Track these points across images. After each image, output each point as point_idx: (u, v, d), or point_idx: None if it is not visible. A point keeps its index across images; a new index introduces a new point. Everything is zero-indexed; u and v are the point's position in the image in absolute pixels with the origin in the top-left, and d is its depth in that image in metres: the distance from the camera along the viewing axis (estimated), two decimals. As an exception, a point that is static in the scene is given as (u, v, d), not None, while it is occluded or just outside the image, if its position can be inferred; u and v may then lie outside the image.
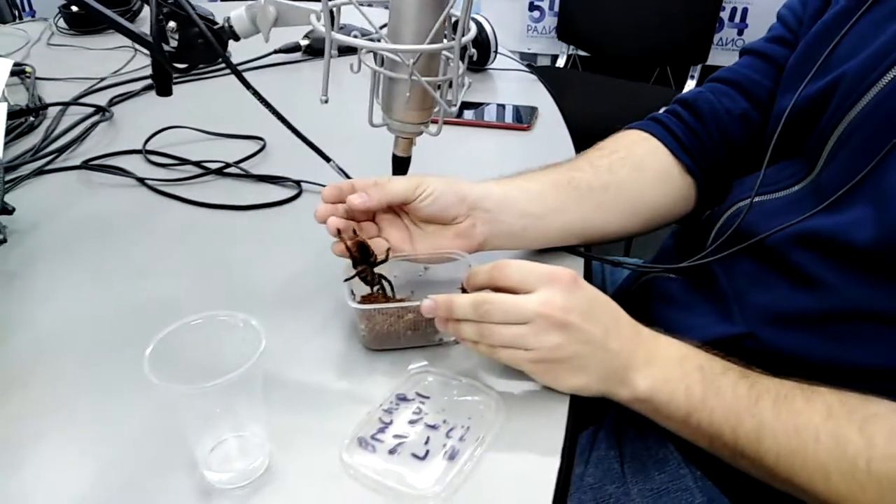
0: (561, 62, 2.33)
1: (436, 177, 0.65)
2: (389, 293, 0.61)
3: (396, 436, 0.52)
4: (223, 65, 0.65)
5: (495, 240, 0.69)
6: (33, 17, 2.34)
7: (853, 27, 0.66)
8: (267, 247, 0.78)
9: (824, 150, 0.65)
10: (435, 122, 0.66)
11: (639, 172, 0.75)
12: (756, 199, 0.70)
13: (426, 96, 0.64)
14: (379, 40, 0.59)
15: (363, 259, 0.60)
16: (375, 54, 0.63)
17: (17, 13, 2.18)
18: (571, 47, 2.32)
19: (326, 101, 0.62)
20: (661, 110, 0.81)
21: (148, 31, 0.62)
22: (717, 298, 0.71)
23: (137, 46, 1.41)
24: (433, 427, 0.52)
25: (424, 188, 0.63)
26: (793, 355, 0.61)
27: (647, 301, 0.80)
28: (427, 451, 0.50)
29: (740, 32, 2.20)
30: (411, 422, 0.53)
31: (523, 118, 1.04)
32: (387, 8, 0.60)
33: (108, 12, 0.61)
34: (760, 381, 0.55)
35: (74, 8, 1.54)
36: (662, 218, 0.78)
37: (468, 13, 0.58)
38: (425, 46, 0.59)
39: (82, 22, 1.54)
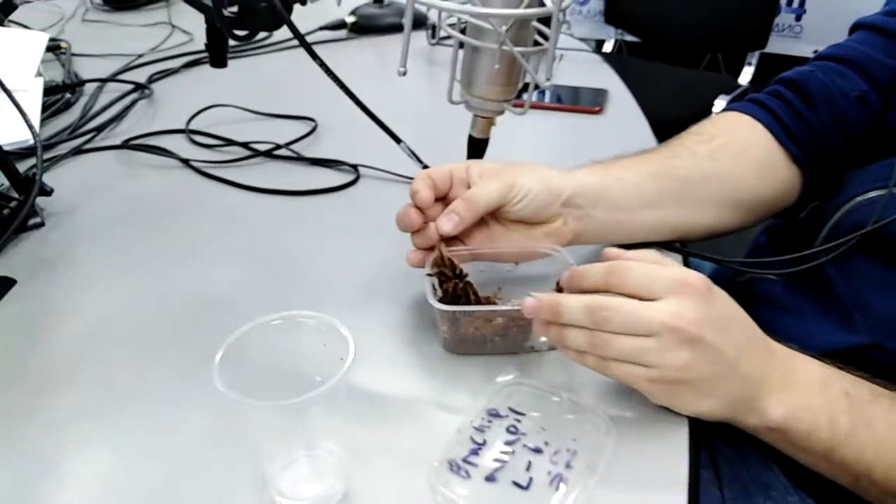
0: (608, 47, 2.23)
1: (525, 171, 0.58)
2: (475, 294, 0.54)
3: (493, 459, 0.45)
4: (269, 40, 0.58)
5: (585, 236, 0.61)
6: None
7: None
8: (324, 236, 0.71)
9: None
10: (519, 106, 0.59)
11: (741, 161, 0.67)
12: (876, 193, 0.61)
13: (514, 69, 0.57)
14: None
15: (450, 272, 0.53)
16: (458, 24, 0.55)
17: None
18: (619, 31, 2.22)
19: (405, 74, 0.54)
20: (763, 91, 0.73)
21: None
22: (832, 304, 0.63)
23: (175, 23, 1.36)
24: (536, 450, 0.45)
25: (517, 191, 0.56)
26: None
27: (745, 304, 0.72)
28: (530, 479, 0.43)
29: (798, 18, 2.10)
30: (508, 442, 0.46)
31: (595, 101, 0.96)
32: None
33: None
34: None
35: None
36: (764, 212, 0.70)
37: (572, -25, 0.51)
38: (521, 11, 0.51)
39: (118, -3, 1.49)
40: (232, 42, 0.61)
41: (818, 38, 2.12)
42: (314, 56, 0.59)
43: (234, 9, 0.58)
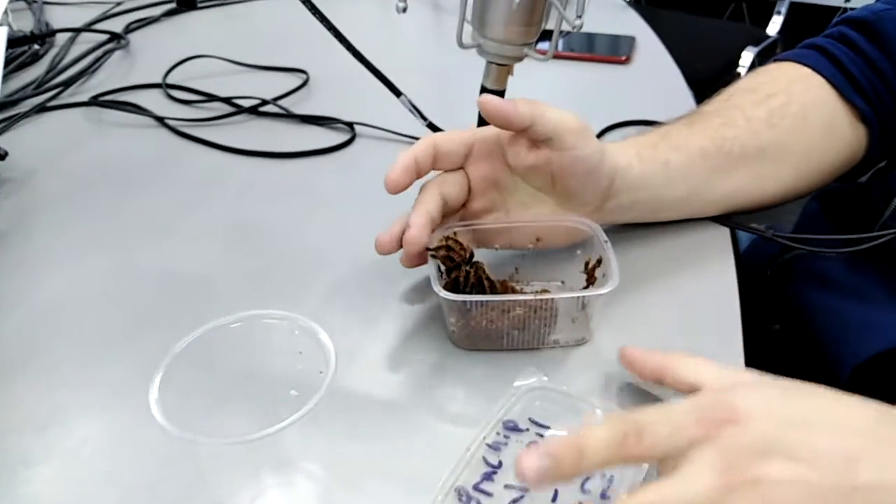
0: (626, -4, 2.10)
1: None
2: (488, 279, 0.45)
3: (509, 486, 0.36)
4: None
5: (619, 217, 0.52)
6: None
7: None
8: (315, 205, 0.62)
9: None
10: (542, 54, 0.49)
11: (803, 123, 0.57)
12: None
13: (537, 6, 0.47)
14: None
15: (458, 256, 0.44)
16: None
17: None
18: (638, -21, 2.09)
19: (405, 10, 0.45)
20: (825, 34, 0.62)
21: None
22: None
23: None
24: (564, 476, 0.36)
25: (587, 134, 0.46)
26: None
27: (791, 284, 0.63)
28: (558, 513, 0.35)
29: (830, -37, 1.95)
30: (529, 464, 0.37)
31: (621, 49, 0.85)
32: None
33: None
34: None
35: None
36: (827, 178, 0.60)
37: None
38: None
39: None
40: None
41: (850, -13, 1.98)
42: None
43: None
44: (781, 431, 0.31)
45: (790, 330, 0.65)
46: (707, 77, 1.61)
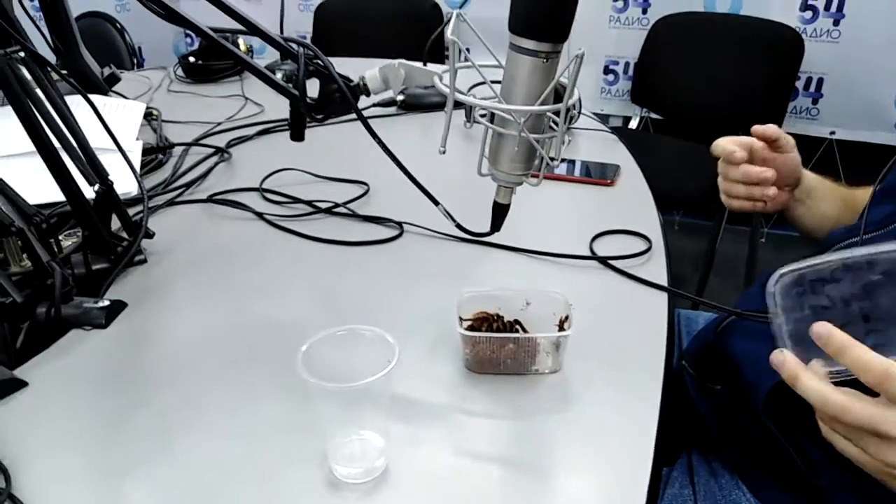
0: (633, 123, 2.40)
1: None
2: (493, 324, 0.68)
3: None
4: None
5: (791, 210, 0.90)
6: (142, 66, 2.57)
7: None
8: (373, 279, 0.86)
9: None
10: (535, 176, 0.74)
11: None
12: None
13: (531, 151, 0.72)
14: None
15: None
16: (488, 113, 0.71)
17: (135, 61, 2.40)
18: (644, 110, 2.39)
19: (444, 153, 0.70)
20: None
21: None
22: None
23: (248, 95, 1.57)
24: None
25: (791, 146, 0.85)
26: None
27: (732, 339, 0.83)
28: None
29: (815, 102, 2.23)
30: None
31: (606, 174, 1.11)
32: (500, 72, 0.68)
33: (266, 72, 0.72)
34: None
35: (192, 59, 1.71)
36: None
37: (575, 81, 0.66)
38: (536, 108, 0.67)
39: (197, 72, 1.71)
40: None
41: (835, 121, 2.25)
42: (371, 131, 0.75)
43: (315, 96, 0.75)
44: None
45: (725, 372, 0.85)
46: (698, 196, 1.87)
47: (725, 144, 0.82)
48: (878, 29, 2.07)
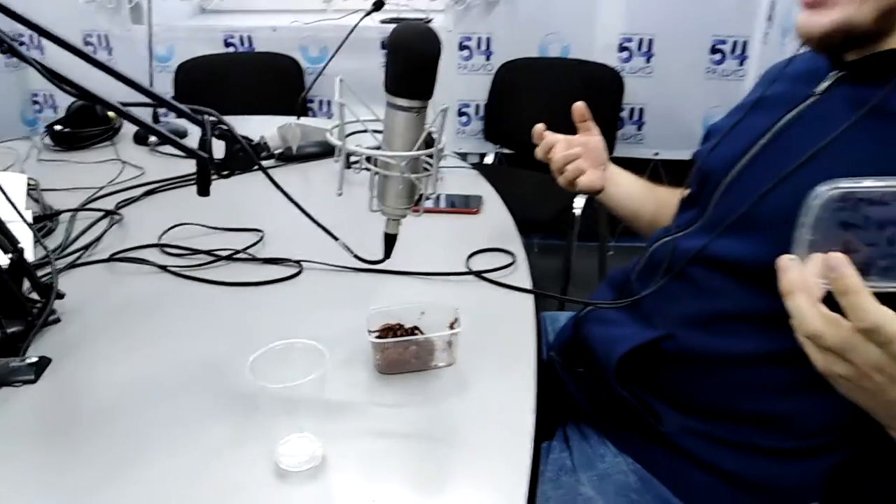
0: (489, 159, 2.63)
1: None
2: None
3: (415, 428, 0.71)
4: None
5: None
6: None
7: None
8: (283, 312, 0.97)
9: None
10: (416, 210, 0.89)
11: None
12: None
13: (412, 189, 0.87)
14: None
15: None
16: (370, 159, 0.86)
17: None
18: (497, 146, 2.64)
19: (341, 195, 0.83)
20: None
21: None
22: (640, 314, 0.93)
23: (124, 159, 1.61)
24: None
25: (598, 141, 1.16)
26: (698, 351, 0.83)
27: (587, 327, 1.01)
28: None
29: (639, 128, 2.57)
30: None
31: (472, 204, 1.28)
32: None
33: (175, 138, 0.82)
34: None
35: (59, 127, 1.72)
36: None
37: (443, 130, 0.82)
38: (414, 153, 0.82)
39: (67, 139, 1.72)
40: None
41: (658, 144, 2.60)
42: (273, 181, 0.87)
43: (221, 155, 0.86)
44: None
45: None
46: (551, 218, 2.11)
47: (537, 151, 1.18)
48: (683, 63, 2.44)
